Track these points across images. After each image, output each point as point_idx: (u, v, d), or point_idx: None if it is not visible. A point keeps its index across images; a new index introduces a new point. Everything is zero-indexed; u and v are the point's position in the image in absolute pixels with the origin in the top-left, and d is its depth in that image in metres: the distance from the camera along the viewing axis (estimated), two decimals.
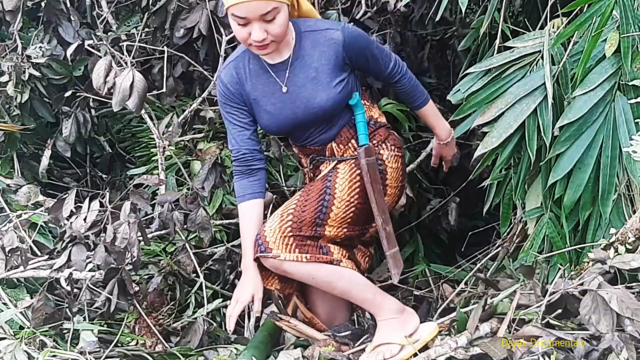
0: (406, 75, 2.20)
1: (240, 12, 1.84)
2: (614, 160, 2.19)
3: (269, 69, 2.03)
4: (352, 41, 2.01)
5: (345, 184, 2.06)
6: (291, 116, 2.06)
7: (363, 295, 2.08)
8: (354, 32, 2.04)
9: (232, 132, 2.10)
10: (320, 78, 2.00)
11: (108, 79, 2.53)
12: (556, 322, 1.97)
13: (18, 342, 2.04)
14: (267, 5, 1.83)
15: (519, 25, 2.71)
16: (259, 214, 2.08)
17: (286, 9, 1.90)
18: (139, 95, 2.52)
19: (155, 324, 2.50)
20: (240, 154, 2.09)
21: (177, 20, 2.89)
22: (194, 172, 3.05)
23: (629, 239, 2.01)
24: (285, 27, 1.91)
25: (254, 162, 2.09)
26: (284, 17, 1.89)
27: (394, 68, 2.16)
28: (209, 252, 2.79)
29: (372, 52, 2.08)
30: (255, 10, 1.83)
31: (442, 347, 1.98)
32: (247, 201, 2.07)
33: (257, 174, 2.09)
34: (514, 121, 2.24)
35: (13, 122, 3.26)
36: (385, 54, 2.15)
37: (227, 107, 2.09)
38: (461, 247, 3.16)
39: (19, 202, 2.60)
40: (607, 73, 2.17)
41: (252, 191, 2.08)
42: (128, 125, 3.75)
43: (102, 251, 2.17)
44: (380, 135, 2.17)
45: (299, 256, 1.96)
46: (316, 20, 2.09)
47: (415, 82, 2.23)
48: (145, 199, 2.28)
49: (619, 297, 1.84)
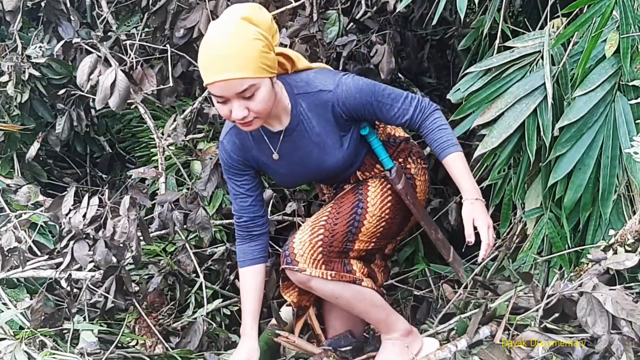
0: (429, 118, 1.93)
1: (216, 91, 1.72)
2: (614, 161, 2.19)
3: (269, 136, 1.94)
4: (348, 100, 1.87)
5: (377, 199, 2.02)
6: (305, 177, 2.07)
7: (378, 316, 2.07)
8: (349, 90, 1.86)
9: (234, 199, 2.05)
10: (326, 142, 1.92)
11: (92, 77, 2.54)
12: (554, 326, 1.97)
13: (18, 342, 2.04)
14: (242, 83, 1.69)
15: (519, 25, 2.71)
16: (258, 280, 2.06)
17: (267, 82, 1.75)
18: (121, 95, 2.53)
19: (155, 324, 2.50)
20: (242, 221, 2.05)
21: (177, 20, 2.89)
22: (194, 172, 3.05)
23: (628, 241, 2.02)
24: (268, 102, 1.77)
25: (255, 229, 2.05)
26: (265, 92, 1.74)
27: (413, 115, 1.92)
28: (209, 252, 2.79)
29: (378, 102, 1.90)
30: (230, 89, 1.70)
31: (442, 351, 1.98)
32: (247, 267, 2.06)
33: (258, 240, 2.06)
34: (514, 121, 2.24)
35: (13, 122, 3.26)
36: (397, 100, 1.92)
37: (229, 173, 2.03)
38: (461, 247, 3.15)
39: (19, 202, 2.60)
40: (607, 73, 2.17)
41: (253, 257, 2.06)
42: (128, 125, 3.76)
43: (102, 246, 2.17)
44: (404, 151, 2.12)
45: (324, 273, 1.93)
46: (308, 78, 1.91)
47: (440, 127, 1.92)
48: (144, 193, 2.28)
49: (614, 298, 1.85)
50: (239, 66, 1.68)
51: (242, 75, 1.68)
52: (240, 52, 1.67)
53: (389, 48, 2.89)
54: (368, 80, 1.92)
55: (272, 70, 1.76)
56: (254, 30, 1.71)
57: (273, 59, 1.76)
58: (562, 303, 2.00)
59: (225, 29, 1.70)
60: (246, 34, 1.70)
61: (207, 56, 1.71)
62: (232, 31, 1.69)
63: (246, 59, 1.68)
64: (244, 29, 1.70)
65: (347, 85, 1.87)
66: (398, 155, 2.10)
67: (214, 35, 1.71)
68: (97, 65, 2.59)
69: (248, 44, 1.69)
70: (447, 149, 1.89)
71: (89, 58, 2.60)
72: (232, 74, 1.68)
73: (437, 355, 1.98)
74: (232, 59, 1.67)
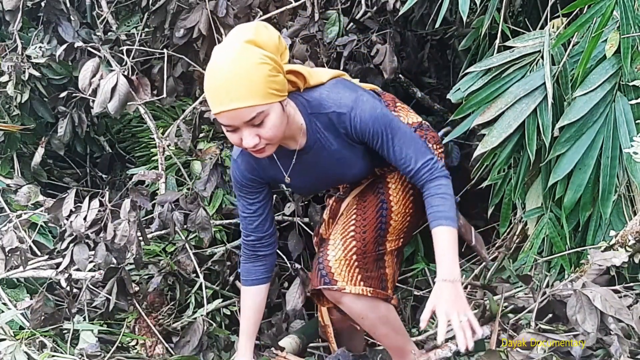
0: (435, 182, 1.79)
1: (223, 120, 1.63)
2: (614, 161, 2.19)
3: (287, 154, 1.85)
4: (361, 128, 1.77)
5: (400, 195, 1.97)
6: (324, 187, 2.07)
7: (396, 342, 2.03)
8: (364, 117, 1.75)
9: (243, 218, 2.00)
10: (345, 156, 1.85)
11: (93, 80, 2.54)
12: (548, 326, 1.97)
13: (18, 343, 2.04)
14: (250, 111, 1.60)
15: (519, 25, 2.71)
16: (258, 300, 2.03)
17: (277, 107, 1.65)
18: (120, 99, 2.52)
19: (155, 324, 2.50)
20: (250, 240, 2.01)
21: (176, 20, 2.89)
22: (194, 172, 3.05)
23: (629, 242, 2.02)
24: (279, 128, 1.67)
25: (261, 249, 2.01)
26: (276, 118, 1.64)
27: (420, 169, 1.79)
28: (209, 252, 2.79)
29: (388, 138, 1.78)
30: (238, 118, 1.61)
31: (442, 349, 1.98)
32: (249, 286, 2.03)
33: (263, 260, 2.02)
34: (514, 121, 2.24)
35: (13, 122, 3.26)
36: (408, 145, 1.79)
37: (242, 192, 1.96)
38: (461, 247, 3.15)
39: (19, 202, 2.60)
40: (607, 74, 2.18)
41: (256, 277, 2.02)
42: (128, 125, 3.76)
43: (102, 249, 2.17)
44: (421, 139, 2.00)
45: (363, 289, 1.89)
46: (321, 96, 1.79)
47: (444, 195, 1.78)
48: (144, 196, 2.28)
49: (603, 295, 1.85)
50: (245, 94, 1.58)
51: (249, 103, 1.59)
52: (245, 79, 1.58)
53: (390, 48, 2.90)
54: (385, 111, 1.81)
55: (282, 94, 1.67)
56: (259, 53, 1.61)
57: (282, 81, 1.66)
58: (554, 304, 2.00)
59: (229, 55, 1.61)
60: (251, 59, 1.59)
61: (212, 86, 1.62)
62: (235, 57, 1.59)
63: (252, 85, 1.59)
64: (248, 54, 1.60)
65: (362, 110, 1.76)
66: None
67: (218, 62, 1.62)
68: (99, 69, 2.58)
69: (253, 70, 1.59)
70: (441, 220, 1.75)
71: (90, 62, 2.58)
72: (239, 103, 1.59)
73: (437, 354, 1.98)
74: (238, 87, 1.58)
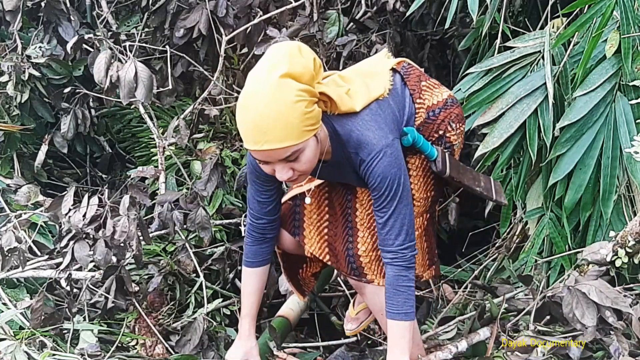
0: (401, 270, 1.75)
1: (257, 155, 1.61)
2: (615, 161, 2.19)
3: None
4: (368, 178, 1.73)
5: (421, 183, 1.93)
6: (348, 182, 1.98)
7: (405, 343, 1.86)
8: (375, 173, 1.71)
9: (254, 203, 1.96)
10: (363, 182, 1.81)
11: (110, 73, 2.49)
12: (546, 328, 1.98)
13: (18, 342, 2.03)
14: (284, 152, 1.56)
15: (519, 26, 2.72)
16: (262, 281, 2.05)
17: (312, 141, 1.60)
18: (146, 85, 2.46)
19: (155, 323, 2.49)
20: (260, 223, 1.99)
21: (177, 20, 2.89)
22: (194, 172, 3.05)
23: (629, 243, 2.02)
24: (313, 160, 1.64)
25: (270, 232, 2.01)
26: (310, 152, 1.61)
27: (393, 246, 1.75)
28: (209, 252, 2.79)
29: (387, 200, 1.74)
30: (272, 156, 1.58)
31: (443, 352, 1.98)
32: (254, 267, 2.03)
33: (269, 242, 2.03)
34: (515, 121, 2.24)
35: (13, 122, 3.26)
36: (393, 215, 1.74)
37: (255, 183, 1.92)
38: (461, 247, 3.16)
39: (19, 202, 2.60)
40: (607, 74, 2.18)
41: (262, 258, 2.03)
42: (128, 125, 3.76)
43: (102, 246, 2.17)
44: (445, 120, 1.94)
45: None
46: (350, 135, 1.72)
47: (402, 288, 1.75)
48: (143, 192, 2.27)
49: (597, 287, 1.85)
50: (280, 137, 1.54)
51: (284, 145, 1.55)
52: (281, 121, 1.52)
53: (389, 47, 2.90)
54: (400, 174, 1.72)
55: (316, 126, 1.61)
56: (295, 89, 1.54)
57: (317, 114, 1.61)
58: (550, 305, 2.00)
59: (263, 93, 1.53)
60: (287, 98, 1.53)
61: (245, 123, 1.56)
62: (270, 97, 1.52)
63: (288, 127, 1.54)
64: (283, 92, 1.53)
65: (379, 163, 1.70)
66: (438, 128, 1.94)
67: (252, 99, 1.55)
68: (111, 61, 2.52)
69: (289, 111, 1.53)
70: (395, 315, 1.76)
71: (103, 54, 2.52)
72: (274, 145, 1.55)
73: (437, 356, 1.98)
74: (273, 129, 1.53)
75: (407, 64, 1.96)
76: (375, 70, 1.89)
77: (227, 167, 2.99)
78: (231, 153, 3.18)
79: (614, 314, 1.83)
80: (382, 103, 1.78)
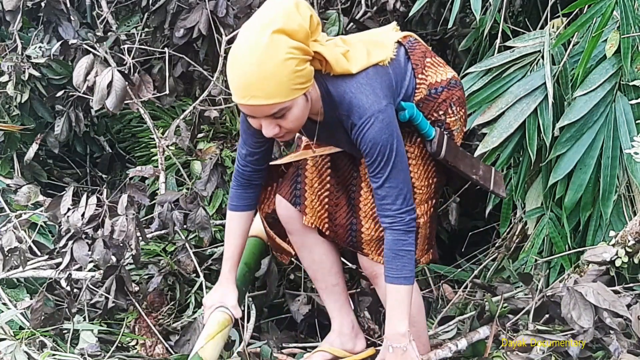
0: (399, 233, 1.74)
1: (243, 109, 1.62)
2: (615, 161, 2.20)
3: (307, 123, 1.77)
4: (360, 142, 1.71)
5: (421, 171, 1.91)
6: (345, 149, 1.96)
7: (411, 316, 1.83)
8: (367, 137, 1.68)
9: (243, 151, 1.96)
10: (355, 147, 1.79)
11: (89, 78, 2.53)
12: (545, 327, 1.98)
13: (18, 342, 2.03)
14: (271, 108, 1.56)
15: (519, 25, 2.72)
16: (246, 226, 2.06)
17: (301, 100, 1.60)
18: (117, 95, 2.51)
19: (155, 324, 2.49)
20: (247, 170, 2.00)
21: (176, 20, 2.89)
22: (194, 172, 3.05)
23: (629, 242, 2.02)
24: (301, 119, 1.64)
25: (256, 179, 2.03)
26: (298, 111, 1.61)
27: (391, 209, 1.73)
28: (209, 252, 2.78)
29: (380, 166, 1.72)
30: (258, 111, 1.59)
31: (442, 350, 1.99)
32: (239, 212, 2.05)
33: (255, 188, 2.05)
34: (515, 121, 2.25)
35: (13, 122, 3.26)
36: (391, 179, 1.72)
37: (245, 129, 1.91)
38: (461, 247, 3.16)
39: (19, 202, 2.60)
40: (607, 73, 2.18)
41: (247, 203, 2.04)
42: (128, 125, 3.76)
43: (100, 246, 2.17)
44: (445, 101, 1.90)
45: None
46: (343, 97, 1.69)
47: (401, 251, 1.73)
48: (142, 191, 2.27)
49: (595, 289, 1.85)
50: (267, 93, 1.54)
51: (271, 102, 1.55)
52: (269, 78, 1.53)
53: None
54: (393, 140, 1.69)
55: (307, 85, 1.60)
56: (288, 46, 1.53)
57: (308, 72, 1.60)
58: (548, 305, 2.01)
59: (254, 46, 1.53)
60: (278, 55, 1.52)
61: (234, 76, 1.57)
62: (261, 51, 1.52)
63: (276, 84, 1.54)
64: (276, 48, 1.52)
65: (371, 127, 1.68)
66: (438, 107, 1.90)
67: (242, 51, 1.55)
68: (93, 66, 2.58)
69: (279, 68, 1.52)
70: (394, 279, 1.74)
71: (85, 59, 2.58)
72: (260, 101, 1.55)
73: (437, 354, 1.98)
74: (261, 85, 1.53)
75: (414, 39, 1.93)
76: (380, 39, 1.86)
77: (227, 167, 2.99)
78: (231, 153, 3.17)
79: (611, 315, 1.83)
80: (380, 69, 1.75)
